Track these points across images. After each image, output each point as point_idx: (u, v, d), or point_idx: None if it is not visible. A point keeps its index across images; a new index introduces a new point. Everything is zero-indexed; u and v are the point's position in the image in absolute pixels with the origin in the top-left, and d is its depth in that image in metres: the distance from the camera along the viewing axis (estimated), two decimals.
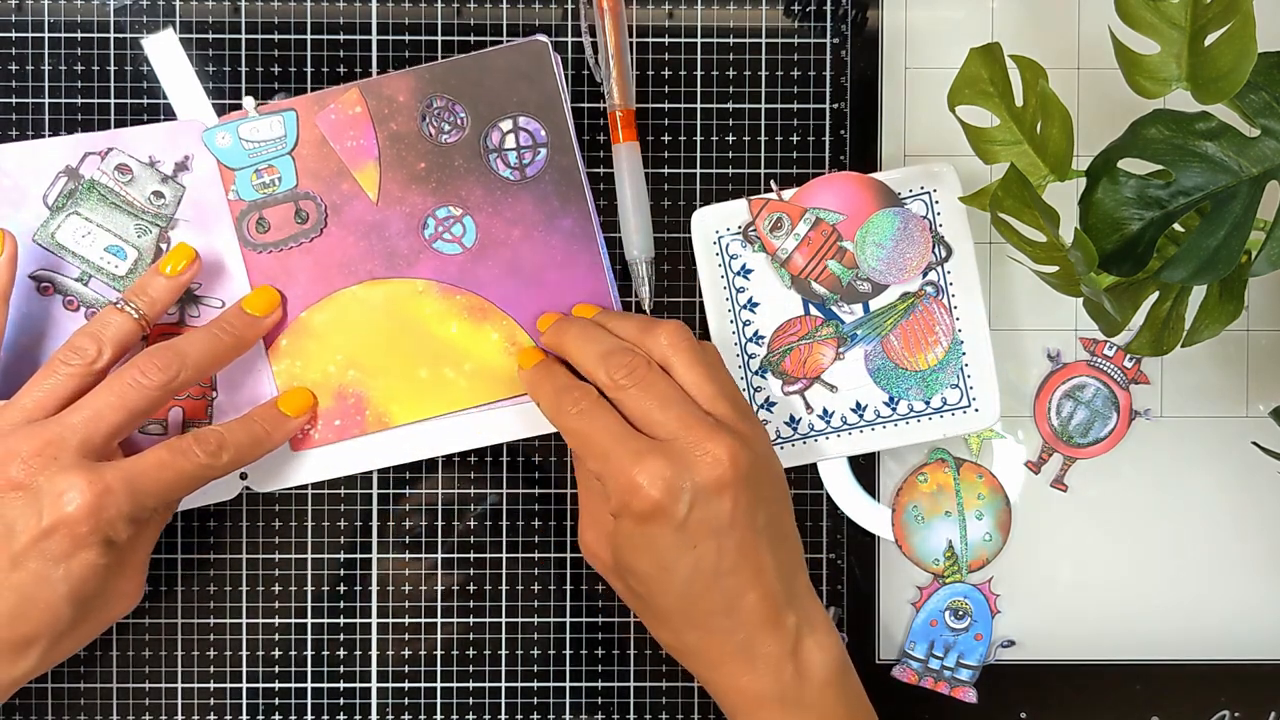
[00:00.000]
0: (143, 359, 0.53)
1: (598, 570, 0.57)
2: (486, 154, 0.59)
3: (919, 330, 0.59)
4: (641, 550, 0.52)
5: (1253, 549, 0.62)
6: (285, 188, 0.59)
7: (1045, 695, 0.62)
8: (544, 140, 0.59)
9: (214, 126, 0.58)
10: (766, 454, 0.53)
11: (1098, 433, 0.62)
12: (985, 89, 0.53)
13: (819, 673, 0.52)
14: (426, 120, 0.59)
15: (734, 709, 0.53)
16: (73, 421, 0.52)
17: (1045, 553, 0.62)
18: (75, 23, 0.59)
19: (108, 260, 0.58)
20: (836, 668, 0.53)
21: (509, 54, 0.59)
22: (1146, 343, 0.55)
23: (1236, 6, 0.47)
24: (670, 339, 0.54)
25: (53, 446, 0.51)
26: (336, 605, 0.61)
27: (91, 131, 0.59)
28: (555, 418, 0.54)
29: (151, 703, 0.60)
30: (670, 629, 0.53)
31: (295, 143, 0.58)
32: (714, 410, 0.53)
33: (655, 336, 0.54)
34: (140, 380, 0.53)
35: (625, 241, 0.59)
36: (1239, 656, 0.62)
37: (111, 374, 0.54)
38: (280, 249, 0.59)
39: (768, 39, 0.61)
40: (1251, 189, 0.49)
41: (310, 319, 0.59)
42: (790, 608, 0.52)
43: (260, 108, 0.58)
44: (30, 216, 0.58)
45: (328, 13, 0.60)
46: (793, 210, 0.59)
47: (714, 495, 0.51)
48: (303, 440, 0.59)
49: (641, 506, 0.50)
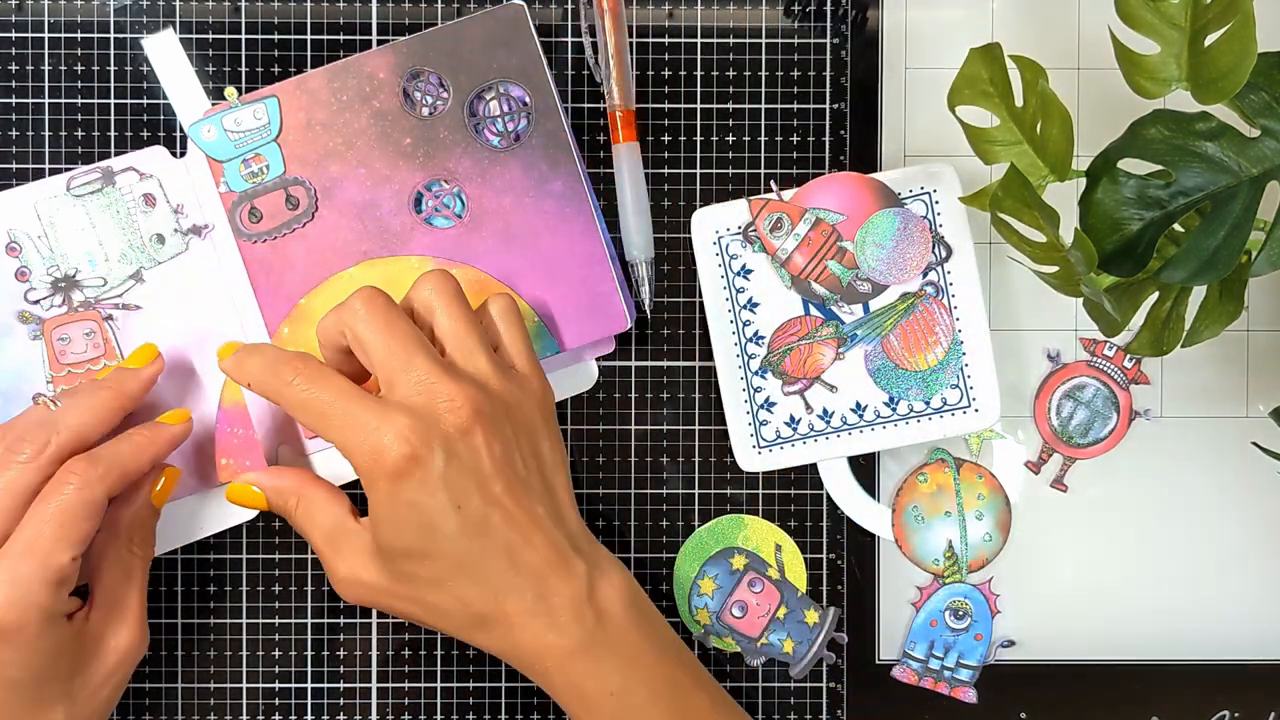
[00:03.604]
0: (15, 443, 0.52)
1: (370, 601, 0.53)
2: (471, 124, 0.59)
3: (919, 330, 0.59)
4: (405, 522, 0.50)
5: (1253, 549, 0.62)
6: (274, 175, 0.58)
7: (1045, 695, 0.62)
8: (528, 105, 0.59)
9: (198, 120, 0.58)
10: (518, 400, 0.52)
11: (1098, 433, 0.62)
12: (985, 89, 0.53)
13: (620, 613, 0.52)
14: (409, 95, 0.59)
15: (545, 670, 0.52)
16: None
17: (1045, 553, 0.62)
18: (75, 23, 0.59)
19: (80, 260, 0.58)
20: (635, 604, 0.52)
21: (485, 21, 0.58)
22: (1146, 343, 0.55)
23: (1236, 6, 0.47)
24: (435, 286, 0.53)
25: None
26: (336, 606, 0.60)
27: (126, 150, 0.59)
28: (277, 394, 0.51)
29: (151, 703, 0.60)
30: (458, 602, 0.51)
31: (280, 129, 0.58)
32: (469, 364, 0.52)
33: (425, 281, 0.53)
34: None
35: (625, 242, 0.59)
36: (1239, 656, 0.62)
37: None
38: (275, 237, 0.58)
39: (768, 39, 0.61)
40: (1251, 189, 0.49)
41: (310, 304, 0.59)
42: (576, 553, 0.52)
43: (242, 97, 0.58)
44: (46, 188, 0.58)
45: (328, 13, 0.60)
46: (793, 210, 0.59)
47: (462, 443, 0.50)
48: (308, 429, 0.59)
49: (394, 465, 0.49)
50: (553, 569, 0.51)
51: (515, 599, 0.51)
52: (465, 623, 0.52)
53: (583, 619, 0.51)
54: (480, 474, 0.50)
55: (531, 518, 0.51)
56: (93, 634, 0.53)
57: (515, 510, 0.51)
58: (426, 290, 0.53)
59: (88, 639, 0.53)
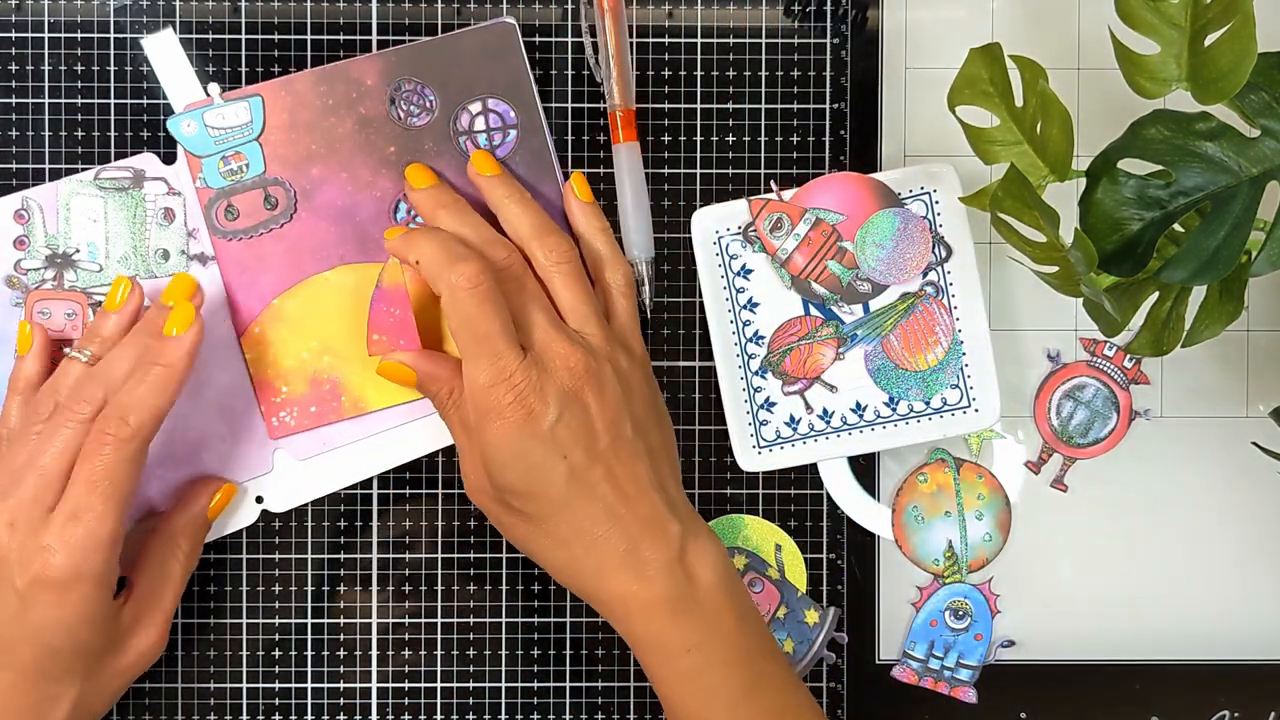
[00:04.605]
0: (70, 402, 0.53)
1: (484, 509, 0.56)
2: (456, 136, 0.59)
3: (919, 330, 0.59)
4: (513, 465, 0.52)
5: (1253, 549, 0.62)
6: (253, 174, 0.58)
7: (1045, 695, 0.62)
8: (513, 121, 0.59)
9: (179, 114, 0.58)
10: (629, 371, 0.56)
11: (1098, 433, 0.62)
12: (985, 89, 0.53)
13: (708, 577, 0.53)
14: (395, 104, 0.59)
15: (626, 615, 0.53)
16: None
17: (1045, 553, 0.62)
18: (75, 23, 0.59)
19: (81, 247, 0.58)
20: (724, 572, 0.54)
21: (477, 36, 0.59)
22: (1146, 343, 0.55)
23: (1236, 6, 0.47)
24: (558, 253, 0.56)
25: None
26: (336, 605, 0.61)
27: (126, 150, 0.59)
28: (448, 286, 0.53)
29: (151, 703, 0.60)
30: (557, 541, 0.53)
31: (262, 128, 0.58)
32: (583, 329, 0.55)
33: (547, 246, 0.56)
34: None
35: (625, 241, 0.59)
36: (1239, 656, 0.62)
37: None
38: (250, 236, 0.58)
39: (768, 39, 0.61)
40: (1251, 189, 0.49)
41: (283, 305, 0.59)
42: (672, 515, 0.54)
43: (225, 94, 0.58)
44: (78, 175, 0.58)
45: (328, 13, 0.60)
46: (793, 210, 0.59)
47: (575, 399, 0.53)
48: (279, 428, 0.59)
49: (512, 411, 0.52)
50: (648, 526, 0.53)
51: (609, 548, 0.53)
52: (558, 561, 0.54)
53: (672, 574, 0.53)
54: (589, 431, 0.53)
55: (632, 476, 0.53)
56: (122, 626, 0.55)
57: (617, 467, 0.53)
58: (545, 256, 0.56)
59: (117, 630, 0.55)
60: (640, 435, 0.55)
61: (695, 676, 0.53)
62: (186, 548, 0.57)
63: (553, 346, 0.53)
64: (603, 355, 0.54)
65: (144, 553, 0.57)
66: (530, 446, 0.52)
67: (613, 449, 0.53)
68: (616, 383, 0.54)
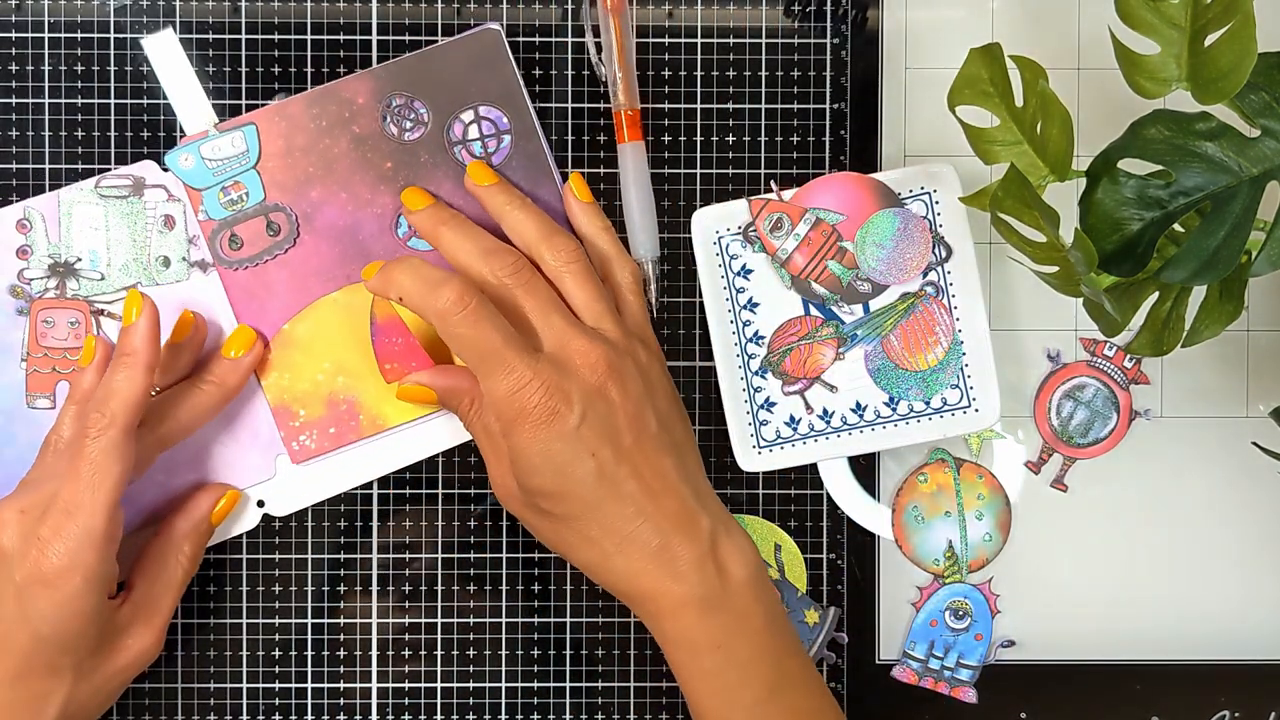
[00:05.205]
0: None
1: (513, 512, 0.56)
2: (451, 147, 0.59)
3: (919, 330, 0.59)
4: (540, 467, 0.52)
5: (1253, 549, 0.62)
6: (254, 202, 0.58)
7: (1045, 695, 0.62)
8: (506, 127, 0.59)
9: (175, 149, 0.58)
10: (649, 365, 0.56)
11: (1098, 433, 0.62)
12: (985, 89, 0.53)
13: (739, 573, 0.53)
14: (388, 119, 0.59)
15: (657, 613, 0.53)
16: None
17: (1045, 553, 0.62)
18: (75, 23, 0.59)
19: (83, 255, 0.58)
20: (754, 569, 0.54)
21: (463, 45, 0.59)
22: (1146, 343, 0.55)
23: (1236, 6, 0.47)
24: (566, 254, 0.56)
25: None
26: (336, 605, 0.61)
27: (126, 151, 0.59)
28: (437, 315, 0.53)
29: (151, 703, 0.60)
30: (587, 540, 0.53)
31: (259, 156, 0.58)
32: (600, 325, 0.55)
33: (554, 247, 0.56)
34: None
35: (631, 241, 0.59)
36: (1239, 656, 0.62)
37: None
38: (256, 264, 0.59)
39: (768, 39, 0.61)
40: (1251, 189, 0.49)
41: (293, 330, 0.59)
42: (702, 510, 0.54)
43: (219, 125, 0.58)
44: (79, 183, 0.58)
45: (328, 13, 0.60)
46: (793, 210, 0.59)
47: (599, 396, 0.52)
48: (300, 452, 0.59)
49: (536, 414, 0.52)
50: (678, 522, 0.53)
51: (640, 546, 0.53)
52: (589, 559, 0.54)
53: (704, 571, 0.53)
54: (614, 427, 0.53)
55: (659, 471, 0.53)
56: (119, 626, 0.55)
57: (644, 463, 0.53)
58: (553, 258, 0.56)
59: (113, 629, 0.55)
60: (665, 429, 0.55)
61: (720, 674, 0.53)
62: (189, 552, 0.57)
63: (572, 344, 0.53)
64: (622, 349, 0.54)
65: (145, 555, 0.57)
66: (557, 448, 0.52)
67: (638, 445, 0.53)
68: (638, 376, 0.54)
